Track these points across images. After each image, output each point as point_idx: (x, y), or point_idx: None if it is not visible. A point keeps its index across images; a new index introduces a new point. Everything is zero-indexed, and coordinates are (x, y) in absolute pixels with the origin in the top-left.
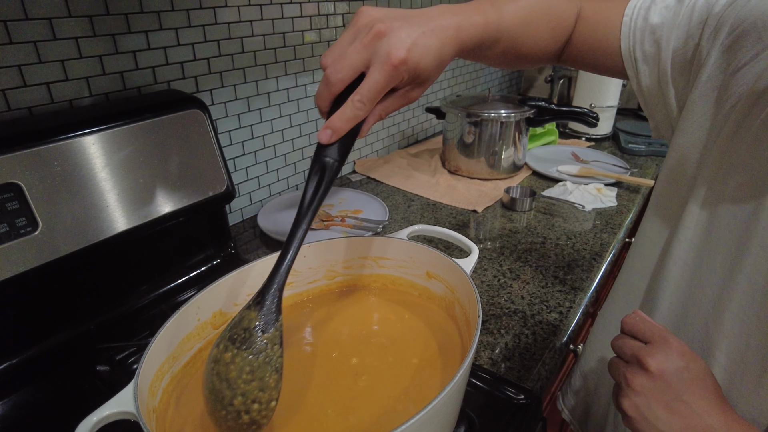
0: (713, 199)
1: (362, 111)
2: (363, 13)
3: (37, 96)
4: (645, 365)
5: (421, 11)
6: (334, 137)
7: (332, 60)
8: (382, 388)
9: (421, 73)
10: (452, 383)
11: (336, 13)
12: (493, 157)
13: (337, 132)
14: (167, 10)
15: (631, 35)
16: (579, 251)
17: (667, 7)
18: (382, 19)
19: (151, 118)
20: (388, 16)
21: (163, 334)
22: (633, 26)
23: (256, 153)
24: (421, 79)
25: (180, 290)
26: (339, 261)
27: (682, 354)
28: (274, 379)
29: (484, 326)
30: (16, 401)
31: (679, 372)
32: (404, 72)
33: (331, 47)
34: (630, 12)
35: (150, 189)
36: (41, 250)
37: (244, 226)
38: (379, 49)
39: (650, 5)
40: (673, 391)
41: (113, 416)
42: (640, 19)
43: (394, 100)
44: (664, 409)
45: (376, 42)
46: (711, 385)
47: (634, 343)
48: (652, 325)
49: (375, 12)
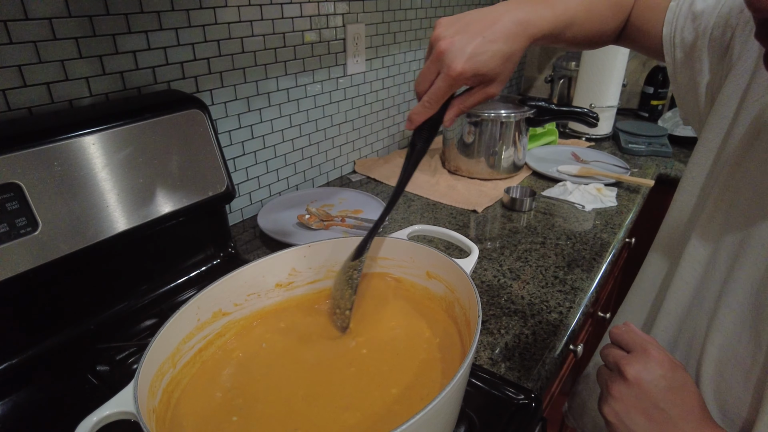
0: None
1: (429, 108)
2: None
3: (37, 96)
4: (624, 373)
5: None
6: (411, 126)
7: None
8: (382, 388)
9: (486, 75)
10: (452, 383)
11: (336, 13)
12: (493, 157)
13: (413, 122)
14: (167, 10)
15: (674, 20)
16: (579, 251)
17: None
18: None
19: (151, 118)
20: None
21: (163, 334)
22: (678, 11)
23: (256, 153)
24: (489, 78)
25: (180, 290)
26: (339, 261)
27: (660, 363)
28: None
29: (484, 326)
30: (16, 401)
31: (656, 380)
32: (464, 80)
33: None
34: None
35: (150, 189)
36: (41, 250)
37: (244, 226)
38: (443, 63)
39: None
40: (651, 398)
41: (113, 416)
42: (686, 6)
43: (471, 96)
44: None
45: (441, 57)
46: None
47: (617, 352)
48: (636, 335)
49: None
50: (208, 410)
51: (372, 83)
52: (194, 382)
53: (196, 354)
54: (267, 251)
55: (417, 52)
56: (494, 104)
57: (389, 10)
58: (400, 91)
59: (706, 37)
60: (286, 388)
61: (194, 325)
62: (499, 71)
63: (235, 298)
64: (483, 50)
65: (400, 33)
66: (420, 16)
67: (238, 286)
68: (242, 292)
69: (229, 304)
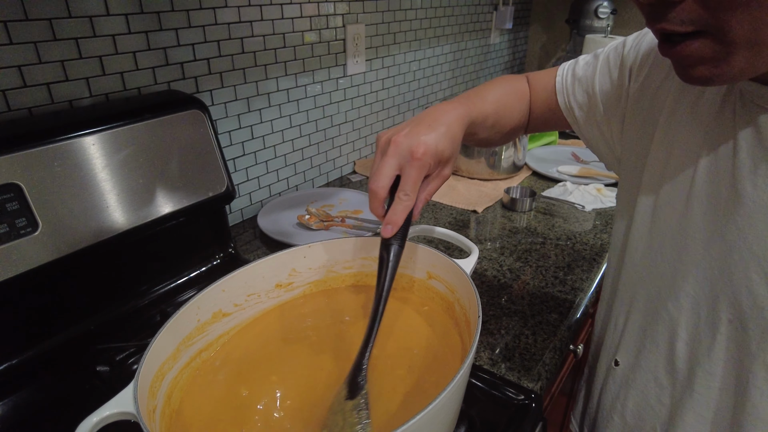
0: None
1: (409, 200)
2: (379, 137)
3: (37, 96)
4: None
5: (422, 115)
6: (395, 229)
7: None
8: (382, 388)
9: (442, 153)
10: (452, 383)
11: (336, 13)
12: (493, 158)
13: (396, 224)
14: (167, 10)
15: (564, 90)
16: (579, 251)
17: (587, 63)
18: (395, 133)
19: (151, 118)
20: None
21: (163, 334)
22: (564, 83)
23: (256, 153)
24: (445, 158)
25: (180, 290)
26: (339, 261)
27: None
28: None
29: (484, 326)
30: (16, 401)
31: None
32: (429, 158)
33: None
34: (561, 72)
35: (150, 189)
36: (41, 250)
37: (244, 227)
38: (403, 152)
39: (574, 65)
40: None
41: (113, 416)
42: (569, 76)
43: (431, 181)
44: None
45: (398, 148)
46: None
47: None
48: None
49: (387, 132)
50: (207, 410)
51: (372, 83)
52: (194, 382)
53: (196, 354)
54: (267, 251)
55: (417, 52)
56: None
57: (389, 10)
58: (400, 91)
59: (597, 95)
60: (286, 388)
61: (194, 326)
62: (451, 151)
63: (235, 299)
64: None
65: (400, 33)
66: (420, 16)
67: (238, 286)
68: (242, 293)
69: (229, 305)
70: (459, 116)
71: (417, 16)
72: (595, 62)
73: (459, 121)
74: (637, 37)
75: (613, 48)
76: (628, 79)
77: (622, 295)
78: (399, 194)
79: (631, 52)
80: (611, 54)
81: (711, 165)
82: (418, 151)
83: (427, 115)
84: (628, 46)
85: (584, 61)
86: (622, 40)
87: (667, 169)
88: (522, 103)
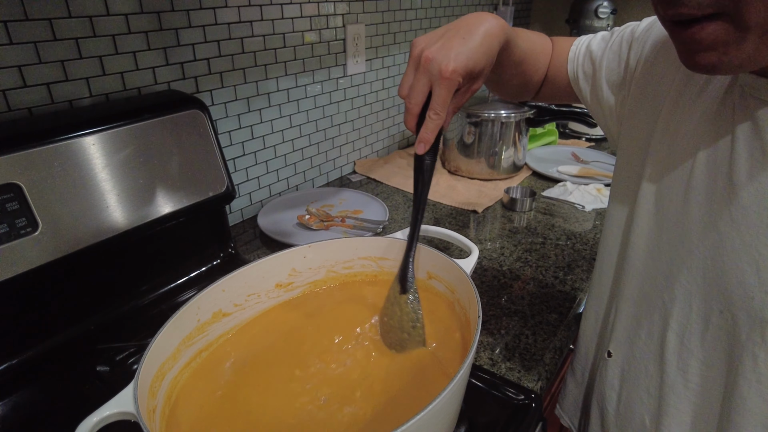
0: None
1: (440, 119)
2: (414, 45)
3: (37, 96)
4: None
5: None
6: (428, 146)
7: (406, 92)
8: (382, 388)
9: (473, 69)
10: (452, 383)
11: (336, 13)
12: (493, 158)
13: (428, 142)
14: (167, 10)
15: (575, 59)
16: (579, 251)
17: (603, 38)
18: (428, 45)
19: (151, 118)
20: (431, 41)
21: (163, 334)
22: (577, 52)
23: (256, 153)
24: (476, 73)
25: (180, 290)
26: (339, 261)
27: None
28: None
29: (484, 326)
30: (16, 401)
31: None
32: (458, 77)
33: (402, 81)
34: (578, 42)
35: (150, 189)
36: (41, 250)
37: (244, 227)
38: (433, 71)
39: (592, 38)
40: None
41: (113, 416)
42: (583, 47)
43: (460, 96)
44: None
45: (428, 66)
46: None
47: None
48: None
49: (422, 41)
50: (207, 410)
51: (372, 83)
52: (194, 382)
53: (196, 354)
54: (267, 251)
55: None
56: (494, 104)
57: (389, 10)
58: None
59: (602, 69)
60: (286, 388)
61: (194, 326)
62: (483, 66)
63: (235, 299)
64: (466, 48)
65: (400, 33)
66: (420, 17)
67: (238, 286)
68: (242, 293)
69: (229, 305)
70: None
71: (417, 16)
72: (610, 39)
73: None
74: (652, 22)
75: (630, 29)
76: (636, 63)
77: (619, 287)
78: (429, 113)
79: (641, 37)
80: (626, 34)
81: (709, 157)
82: (447, 70)
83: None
84: (641, 29)
85: (602, 36)
86: (639, 22)
87: (669, 159)
88: (545, 56)
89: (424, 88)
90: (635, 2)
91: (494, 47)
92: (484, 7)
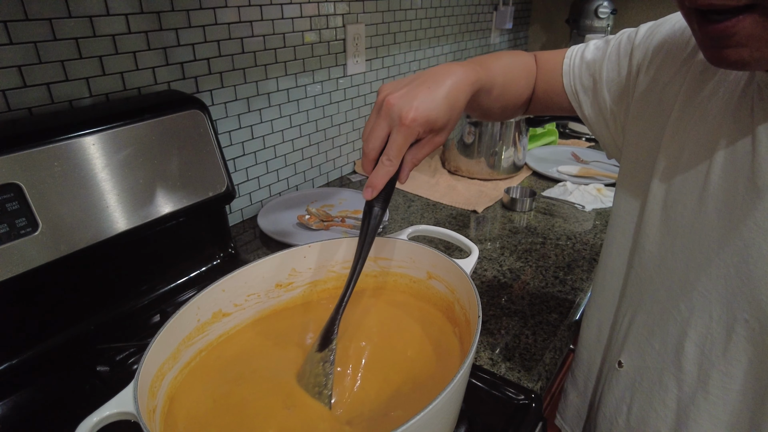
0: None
1: (392, 166)
2: (380, 90)
3: (37, 96)
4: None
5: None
6: (375, 192)
7: (365, 137)
8: (382, 388)
9: (435, 122)
10: (452, 383)
11: (336, 13)
12: (493, 158)
13: (376, 187)
14: (167, 10)
15: (571, 72)
16: (579, 251)
17: (597, 47)
18: (392, 91)
19: (151, 118)
20: (397, 87)
21: (163, 334)
22: (572, 65)
23: (256, 153)
24: (438, 126)
25: (180, 290)
26: (339, 261)
27: None
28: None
29: (484, 326)
30: (16, 401)
31: None
32: (417, 126)
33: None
34: (570, 54)
35: (150, 189)
36: (41, 250)
37: (244, 227)
38: (393, 116)
39: (584, 48)
40: None
41: (113, 416)
42: (577, 58)
43: (421, 148)
44: None
45: (390, 111)
46: None
47: None
48: None
49: (388, 87)
50: (205, 410)
51: (372, 83)
52: (193, 381)
53: (196, 354)
54: (267, 251)
55: (417, 52)
56: None
57: (389, 10)
58: None
59: (603, 81)
60: (286, 388)
61: (194, 326)
62: (446, 119)
63: (235, 299)
64: (430, 98)
65: (400, 33)
66: (420, 16)
67: (238, 286)
68: (242, 293)
69: (229, 305)
70: (465, 80)
71: (417, 16)
72: (606, 47)
73: (464, 84)
74: (651, 28)
75: (626, 36)
76: (637, 70)
77: (629, 294)
78: (383, 158)
79: (643, 43)
80: (623, 41)
81: (727, 160)
82: (407, 117)
83: (432, 74)
84: (641, 36)
85: (594, 45)
86: (635, 29)
87: (679, 165)
88: (528, 79)
89: (382, 134)
90: (635, 2)
91: (460, 101)
92: (484, 7)
